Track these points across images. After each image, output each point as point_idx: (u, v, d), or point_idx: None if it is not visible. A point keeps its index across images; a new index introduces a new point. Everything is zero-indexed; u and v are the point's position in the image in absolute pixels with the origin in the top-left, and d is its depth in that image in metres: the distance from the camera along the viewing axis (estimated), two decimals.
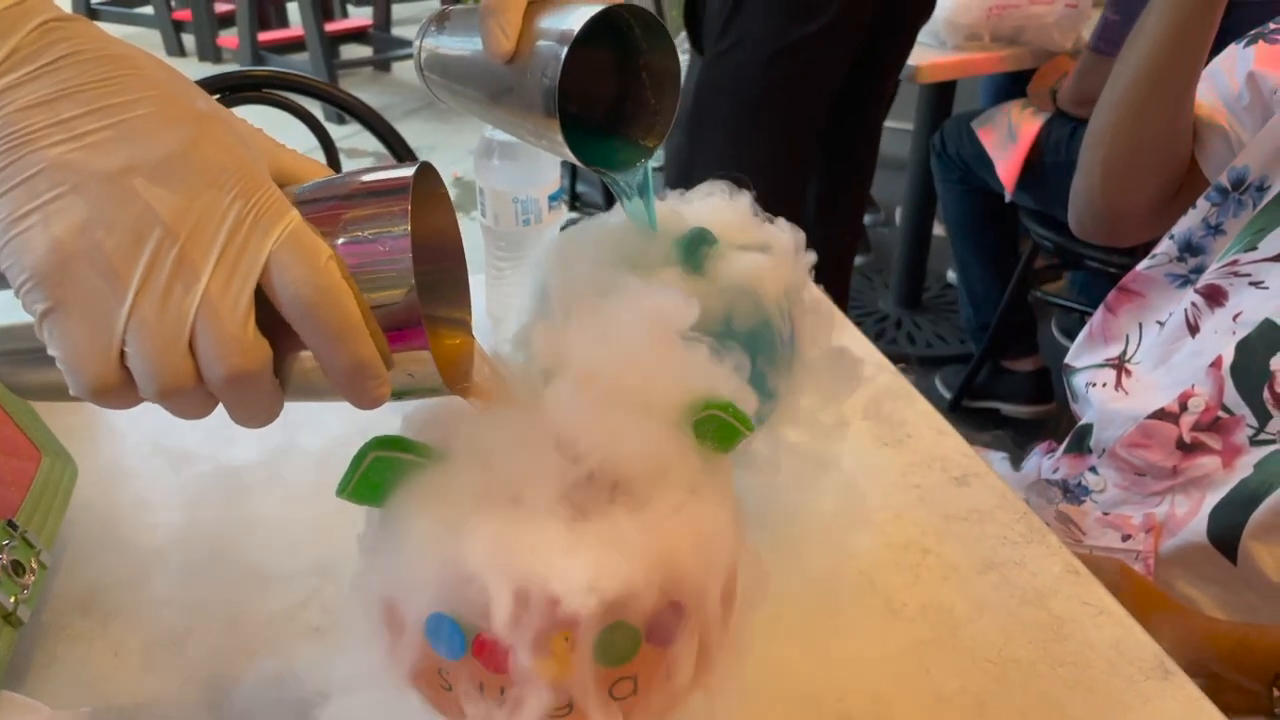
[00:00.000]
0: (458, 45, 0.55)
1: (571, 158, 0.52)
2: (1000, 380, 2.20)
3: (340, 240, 0.37)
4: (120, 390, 0.35)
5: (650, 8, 2.20)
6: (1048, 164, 1.86)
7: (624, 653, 0.40)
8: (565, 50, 0.48)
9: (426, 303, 0.38)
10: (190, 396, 0.36)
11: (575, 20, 0.48)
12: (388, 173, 0.38)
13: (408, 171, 0.38)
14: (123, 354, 0.34)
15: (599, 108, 0.55)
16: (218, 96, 1.15)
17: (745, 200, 0.61)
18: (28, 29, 0.34)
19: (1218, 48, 0.92)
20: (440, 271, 0.43)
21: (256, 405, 0.37)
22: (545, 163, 0.78)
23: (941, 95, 2.32)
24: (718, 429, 0.43)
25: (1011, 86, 2.14)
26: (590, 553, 0.39)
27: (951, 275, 2.62)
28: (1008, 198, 1.92)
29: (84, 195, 0.34)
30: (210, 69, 3.87)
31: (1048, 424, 2.14)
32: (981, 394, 2.21)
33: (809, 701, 0.54)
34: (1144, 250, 0.96)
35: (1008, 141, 1.92)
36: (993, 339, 2.15)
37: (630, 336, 0.44)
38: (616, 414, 0.43)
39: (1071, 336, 1.80)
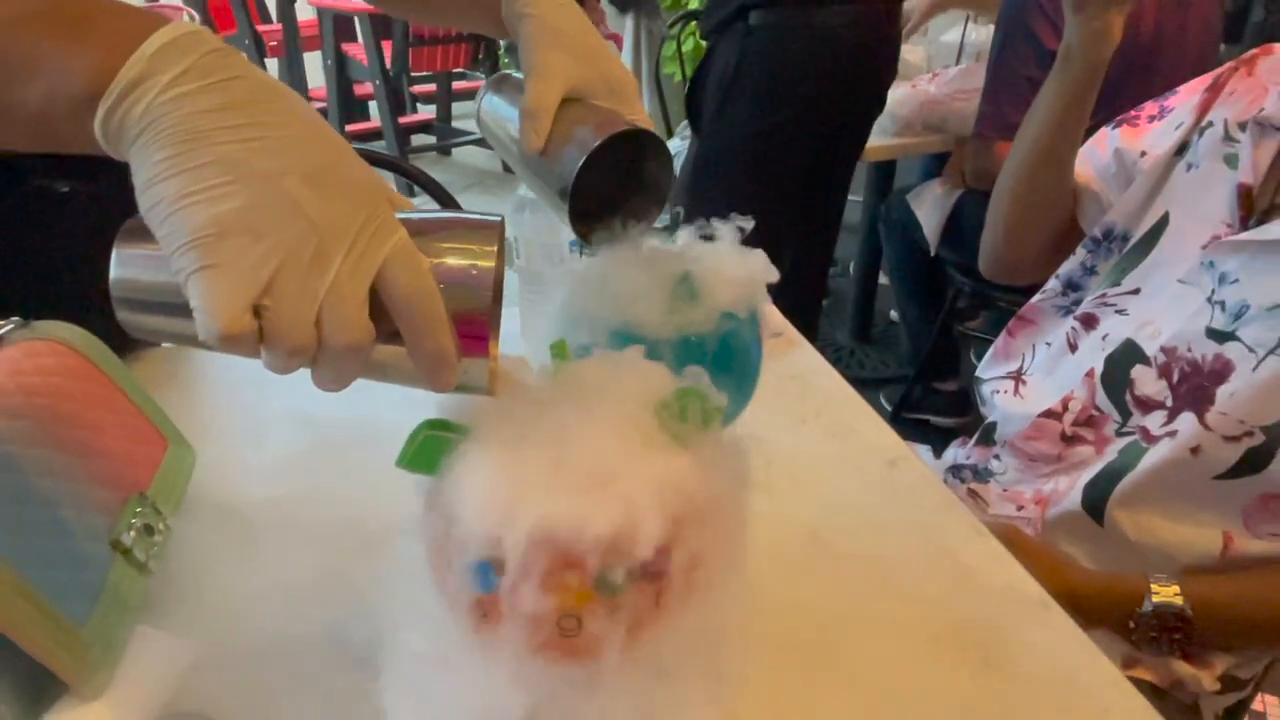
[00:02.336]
0: (504, 114, 0.56)
1: (574, 235, 0.54)
2: (930, 397, 2.20)
3: (436, 260, 0.38)
4: (243, 341, 0.35)
5: (656, 102, 2.24)
6: (963, 226, 1.87)
7: (624, 586, 0.42)
8: (579, 165, 0.49)
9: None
10: (297, 358, 0.36)
11: (593, 139, 0.49)
12: (478, 216, 0.40)
13: (496, 218, 0.40)
14: (255, 314, 0.35)
15: (605, 192, 0.56)
16: None
17: (732, 240, 0.63)
18: (203, 51, 0.35)
19: (1098, 128, 0.94)
20: (497, 311, 0.43)
21: (346, 374, 0.38)
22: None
23: (884, 171, 2.34)
24: (696, 414, 0.45)
25: (939, 164, 2.17)
26: (594, 506, 0.40)
27: (894, 314, 2.64)
28: (933, 252, 1.94)
29: (245, 186, 0.34)
30: None
31: (966, 431, 2.14)
32: (916, 408, 2.21)
33: (767, 633, 0.55)
34: (1037, 289, 0.98)
35: (932, 210, 1.94)
36: (924, 365, 2.16)
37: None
38: (609, 405, 0.44)
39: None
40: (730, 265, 0.63)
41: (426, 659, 0.47)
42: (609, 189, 0.55)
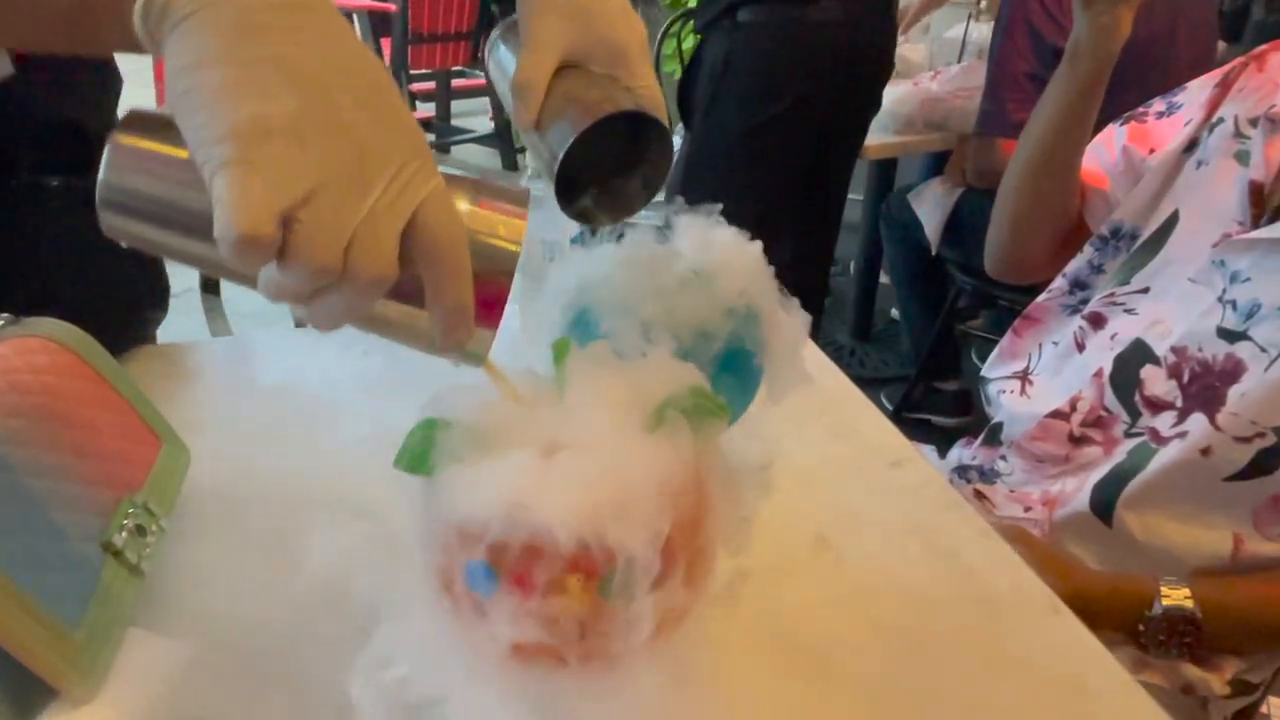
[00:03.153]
0: (506, 72, 0.53)
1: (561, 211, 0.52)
2: (931, 397, 2.20)
3: (469, 214, 0.37)
4: (260, 250, 0.31)
5: None
6: (964, 225, 1.87)
7: (626, 592, 0.41)
8: (567, 147, 0.47)
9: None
10: (318, 280, 0.33)
11: (582, 121, 0.46)
12: (509, 184, 0.39)
13: (526, 187, 0.39)
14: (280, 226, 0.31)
15: (599, 171, 0.53)
16: None
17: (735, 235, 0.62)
18: None
19: (1099, 128, 0.93)
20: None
21: (355, 311, 0.36)
22: None
23: (885, 170, 2.33)
24: (699, 413, 0.44)
25: (940, 162, 2.16)
26: (596, 509, 0.39)
27: (894, 313, 2.63)
28: (934, 252, 1.93)
29: (298, 91, 0.32)
30: None
31: (968, 431, 2.13)
32: (917, 408, 2.20)
33: (772, 636, 0.54)
34: (1043, 290, 0.97)
35: (933, 209, 1.93)
36: (925, 364, 2.15)
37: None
38: (612, 407, 0.44)
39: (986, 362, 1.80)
40: (734, 260, 0.62)
41: (425, 662, 0.46)
42: (604, 167, 0.53)
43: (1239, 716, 0.78)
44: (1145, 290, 0.81)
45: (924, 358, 2.14)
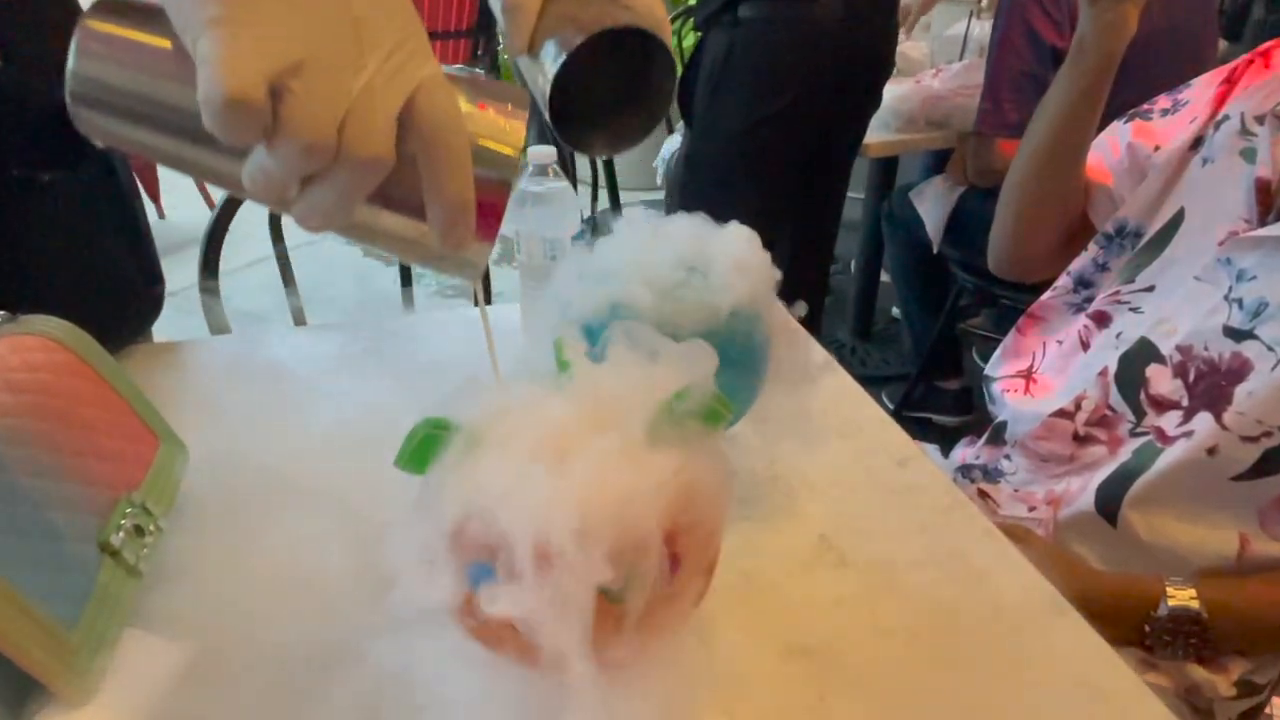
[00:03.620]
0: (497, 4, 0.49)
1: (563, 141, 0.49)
2: (932, 396, 2.19)
3: (469, 108, 0.35)
4: (251, 116, 0.29)
5: None
6: (966, 223, 1.86)
7: (629, 592, 0.40)
8: (560, 65, 0.44)
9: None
10: (310, 163, 0.31)
11: (575, 37, 0.44)
12: (508, 85, 0.37)
13: (523, 90, 0.37)
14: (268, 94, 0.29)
15: (597, 97, 0.50)
16: None
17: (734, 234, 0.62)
18: None
19: (1104, 125, 0.93)
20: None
21: (346, 202, 0.33)
22: (568, 210, 0.78)
23: (886, 168, 2.33)
24: (704, 413, 0.44)
25: (941, 160, 2.16)
26: (597, 510, 0.39)
27: (895, 311, 2.62)
28: (935, 250, 1.93)
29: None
30: None
31: (969, 430, 2.13)
32: (918, 406, 2.20)
33: (775, 637, 0.54)
34: (1045, 288, 0.96)
35: (935, 207, 1.93)
36: (926, 363, 2.15)
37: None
38: (614, 406, 0.43)
39: (989, 361, 1.80)
40: (736, 259, 0.62)
41: (426, 665, 0.46)
42: (603, 96, 0.50)
43: (1244, 717, 0.77)
44: (1150, 288, 0.81)
45: (925, 356, 2.13)
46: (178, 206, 3.50)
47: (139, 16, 0.33)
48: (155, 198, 3.47)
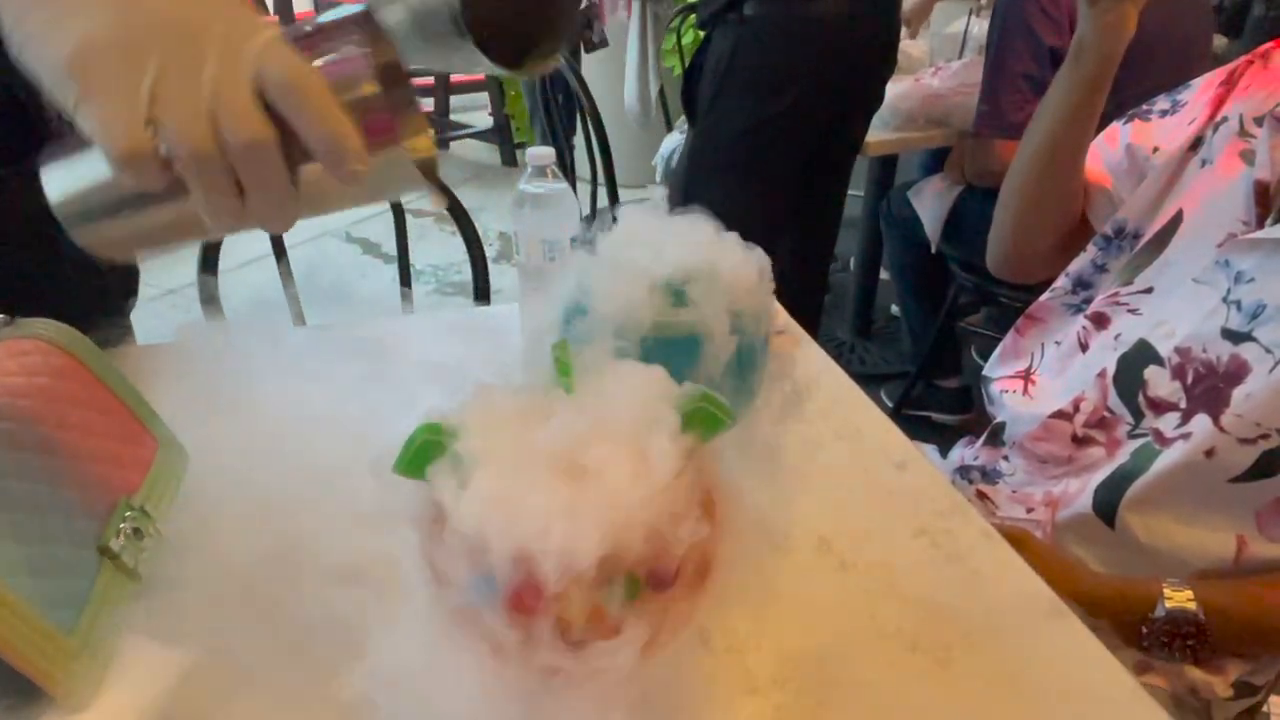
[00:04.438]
0: None
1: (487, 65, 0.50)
2: (931, 394, 2.19)
3: (317, 61, 0.38)
4: (150, 157, 0.34)
5: (656, 93, 2.23)
6: (965, 222, 1.86)
7: (628, 599, 0.40)
8: None
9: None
10: (214, 166, 0.35)
11: None
12: (344, 13, 0.40)
13: (360, 7, 0.40)
14: (154, 133, 0.34)
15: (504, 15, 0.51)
16: None
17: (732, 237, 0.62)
18: None
19: (1102, 126, 0.93)
20: (394, 96, 0.40)
21: (274, 188, 0.37)
22: (568, 211, 0.78)
23: (885, 166, 2.32)
24: (703, 419, 0.44)
25: (940, 158, 2.15)
26: (599, 518, 0.39)
27: (894, 309, 2.62)
28: (934, 248, 1.93)
29: (102, 5, 0.35)
30: None
31: (968, 429, 2.13)
32: (917, 405, 2.20)
33: (776, 641, 0.54)
34: (1043, 287, 0.96)
35: (934, 206, 1.93)
36: (925, 361, 2.15)
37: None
38: (614, 414, 0.43)
39: (987, 359, 1.79)
40: (732, 263, 0.62)
41: (424, 672, 0.46)
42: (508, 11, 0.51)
43: (1241, 718, 0.77)
44: (1149, 290, 0.81)
45: (924, 355, 2.13)
46: None
47: (76, 141, 0.38)
48: None
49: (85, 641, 0.47)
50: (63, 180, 0.40)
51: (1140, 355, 0.78)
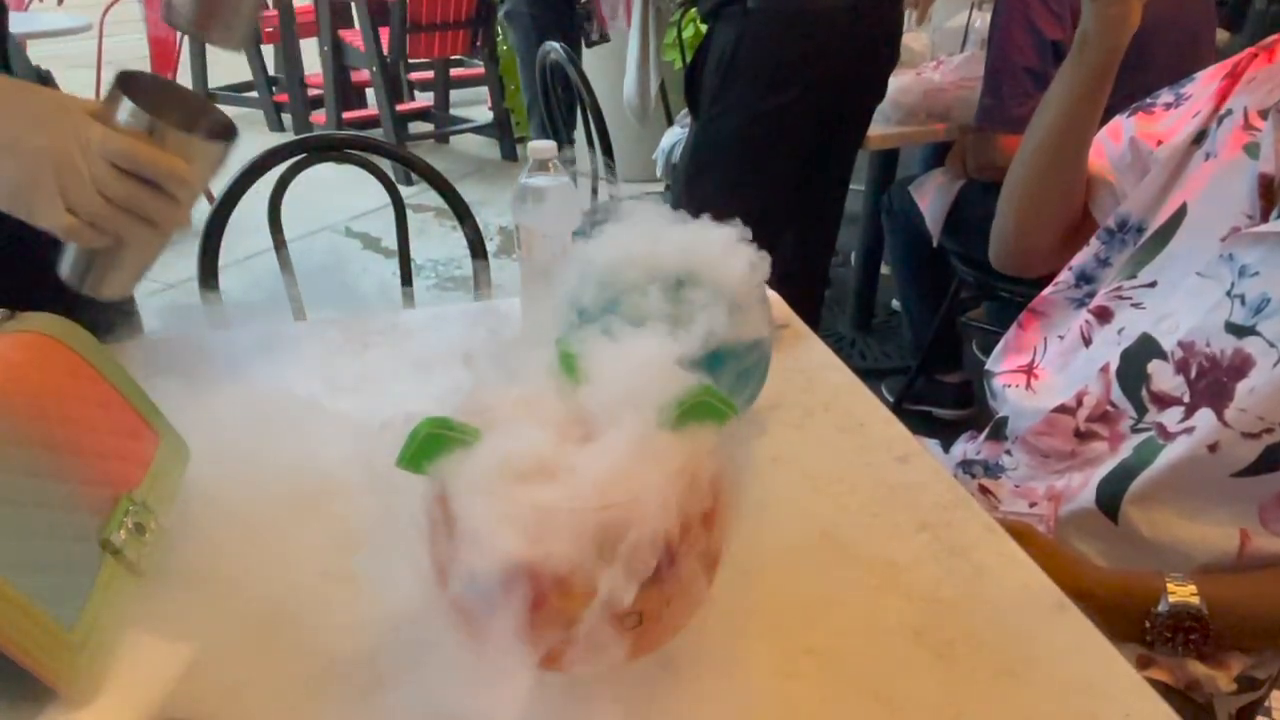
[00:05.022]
0: None
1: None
2: (932, 389, 2.19)
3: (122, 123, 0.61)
4: (81, 228, 0.61)
5: (656, 88, 2.22)
6: (966, 216, 1.86)
7: (631, 592, 0.40)
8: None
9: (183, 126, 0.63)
10: (115, 216, 0.61)
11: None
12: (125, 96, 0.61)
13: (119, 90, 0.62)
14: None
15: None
16: (305, 155, 1.16)
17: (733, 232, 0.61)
18: None
19: (1105, 120, 0.92)
20: (174, 116, 0.62)
21: (154, 209, 0.62)
22: (570, 205, 0.78)
23: (886, 160, 2.32)
24: (706, 411, 0.43)
25: (942, 152, 2.15)
26: (603, 512, 0.39)
27: (895, 304, 2.62)
28: (935, 243, 1.92)
29: (10, 157, 0.60)
30: None
31: (969, 424, 2.13)
32: (918, 400, 2.20)
33: (779, 635, 0.54)
34: (1045, 282, 0.96)
35: (935, 200, 1.92)
36: (927, 356, 2.14)
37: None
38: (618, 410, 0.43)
39: (989, 354, 1.78)
40: (732, 258, 0.62)
41: (429, 662, 0.46)
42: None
43: (1243, 712, 0.77)
44: (1152, 284, 0.80)
45: (925, 349, 2.13)
46: None
47: None
48: None
49: (87, 636, 0.47)
50: (63, 261, 0.66)
51: (1143, 349, 0.78)
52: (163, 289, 2.83)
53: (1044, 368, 0.90)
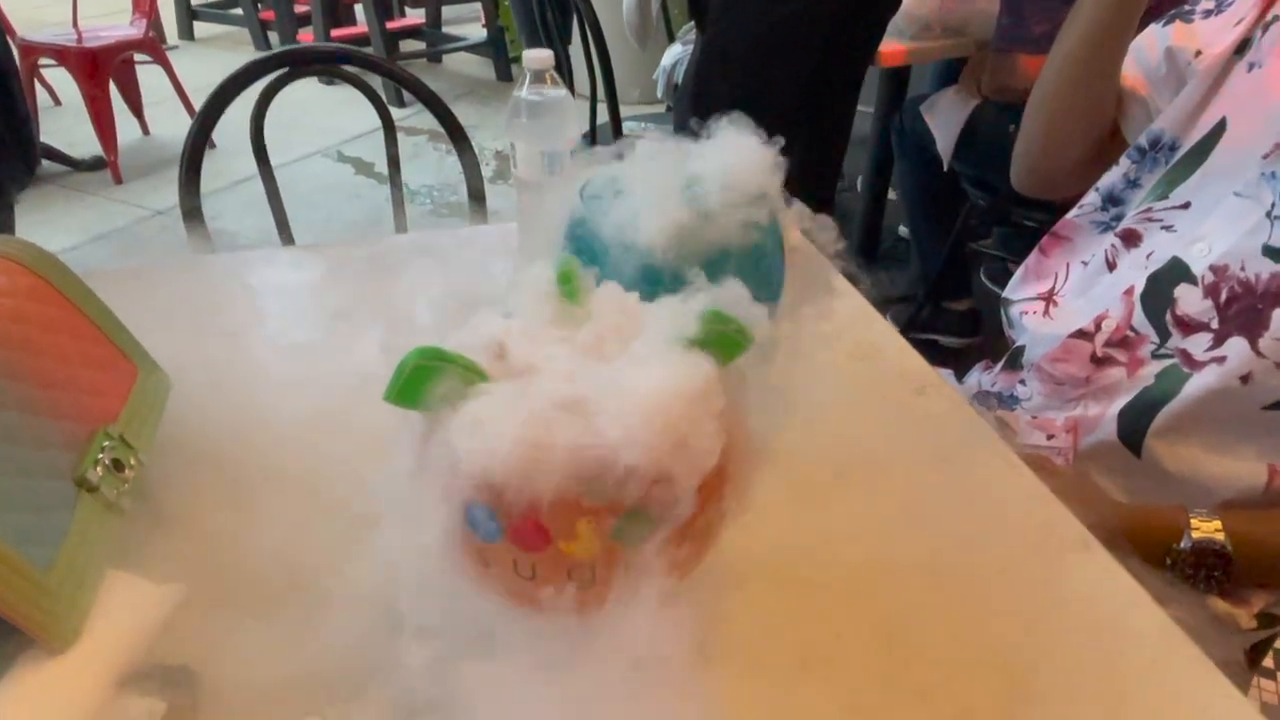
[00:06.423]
0: None
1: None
2: (939, 317, 2.16)
3: None
4: None
5: (658, 6, 2.13)
6: (979, 138, 1.80)
7: (642, 534, 0.38)
8: None
9: None
10: None
11: None
12: None
13: None
14: None
15: None
16: (289, 69, 1.10)
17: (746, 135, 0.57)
18: None
19: (1139, 28, 0.87)
20: None
21: None
22: (568, 121, 0.74)
23: (897, 78, 2.24)
24: (720, 342, 0.40)
25: (955, 70, 2.07)
26: (610, 447, 0.36)
27: (902, 230, 2.57)
28: (946, 166, 1.87)
29: None
30: None
31: (976, 352, 2.10)
32: (924, 328, 2.17)
33: (794, 573, 0.52)
34: (1064, 206, 0.92)
35: (947, 121, 1.86)
36: (934, 284, 2.11)
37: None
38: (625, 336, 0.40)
39: (997, 282, 1.75)
40: (747, 166, 0.58)
41: (428, 608, 0.43)
42: None
43: (1255, 649, 0.76)
44: (1186, 205, 0.76)
45: (933, 277, 2.09)
46: (162, 121, 3.39)
47: None
48: (139, 113, 3.36)
49: (64, 579, 0.44)
50: None
51: (1172, 273, 0.74)
52: (150, 215, 2.78)
53: (1064, 295, 0.86)
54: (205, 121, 1.07)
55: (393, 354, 0.38)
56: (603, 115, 2.07)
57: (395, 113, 1.23)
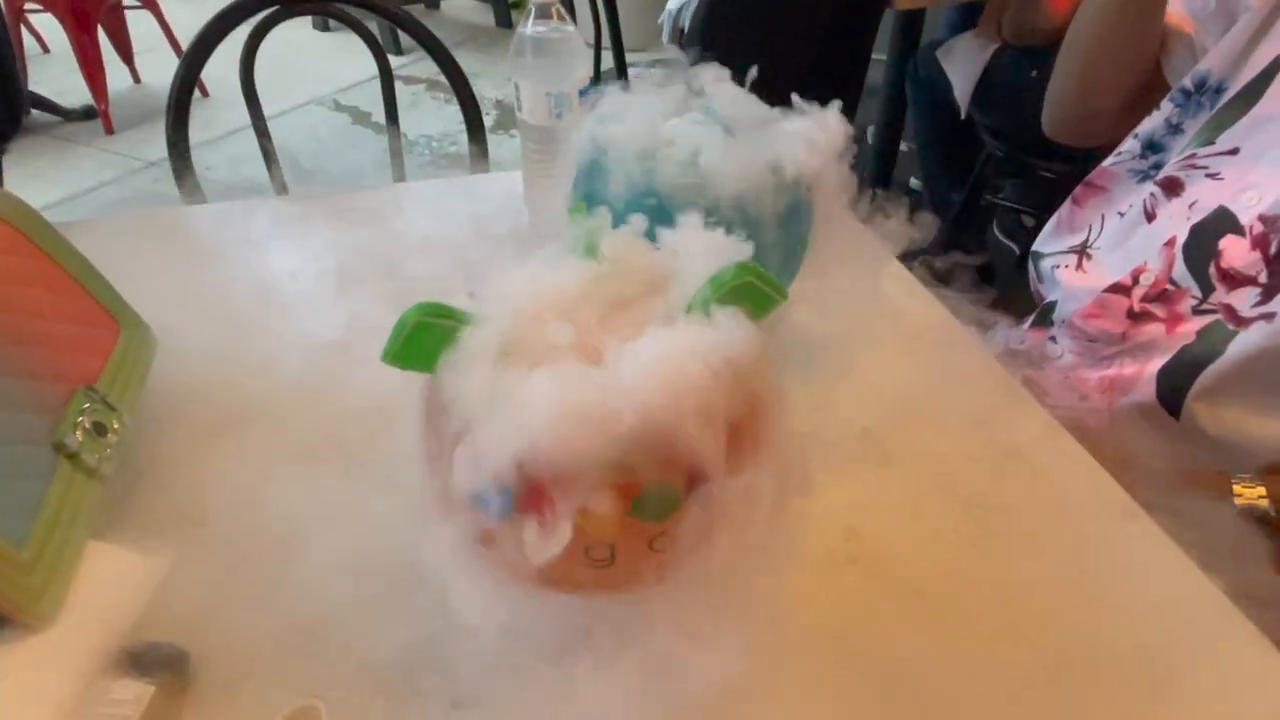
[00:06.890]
0: None
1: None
2: (953, 271, 2.11)
3: None
4: None
5: None
6: (998, 85, 1.73)
7: (664, 510, 0.35)
8: None
9: None
10: None
11: None
12: None
13: None
14: None
15: None
16: (279, 8, 1.05)
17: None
18: None
19: None
20: None
21: None
22: (576, 59, 0.69)
23: (912, 22, 2.16)
24: (749, 294, 0.37)
25: (973, 13, 2.00)
26: (628, 416, 0.32)
27: (914, 183, 2.51)
28: (963, 114, 1.80)
29: None
30: None
31: (990, 308, 2.06)
32: (939, 280, 2.12)
33: (819, 543, 0.49)
34: (1091, 156, 0.87)
35: (964, 67, 1.79)
36: (949, 236, 2.05)
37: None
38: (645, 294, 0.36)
39: (1011, 236, 1.69)
40: (770, 115, 0.54)
41: (421, 582, 0.41)
42: None
43: None
44: (1234, 151, 0.72)
45: (948, 229, 2.04)
46: (154, 68, 3.31)
47: None
48: (129, 60, 3.28)
49: (40, 553, 0.41)
50: None
51: (1218, 223, 0.70)
52: (144, 167, 2.72)
53: (1098, 247, 0.82)
54: (192, 63, 1.02)
55: (392, 305, 0.34)
56: (607, 62, 2.01)
57: (393, 60, 1.17)
